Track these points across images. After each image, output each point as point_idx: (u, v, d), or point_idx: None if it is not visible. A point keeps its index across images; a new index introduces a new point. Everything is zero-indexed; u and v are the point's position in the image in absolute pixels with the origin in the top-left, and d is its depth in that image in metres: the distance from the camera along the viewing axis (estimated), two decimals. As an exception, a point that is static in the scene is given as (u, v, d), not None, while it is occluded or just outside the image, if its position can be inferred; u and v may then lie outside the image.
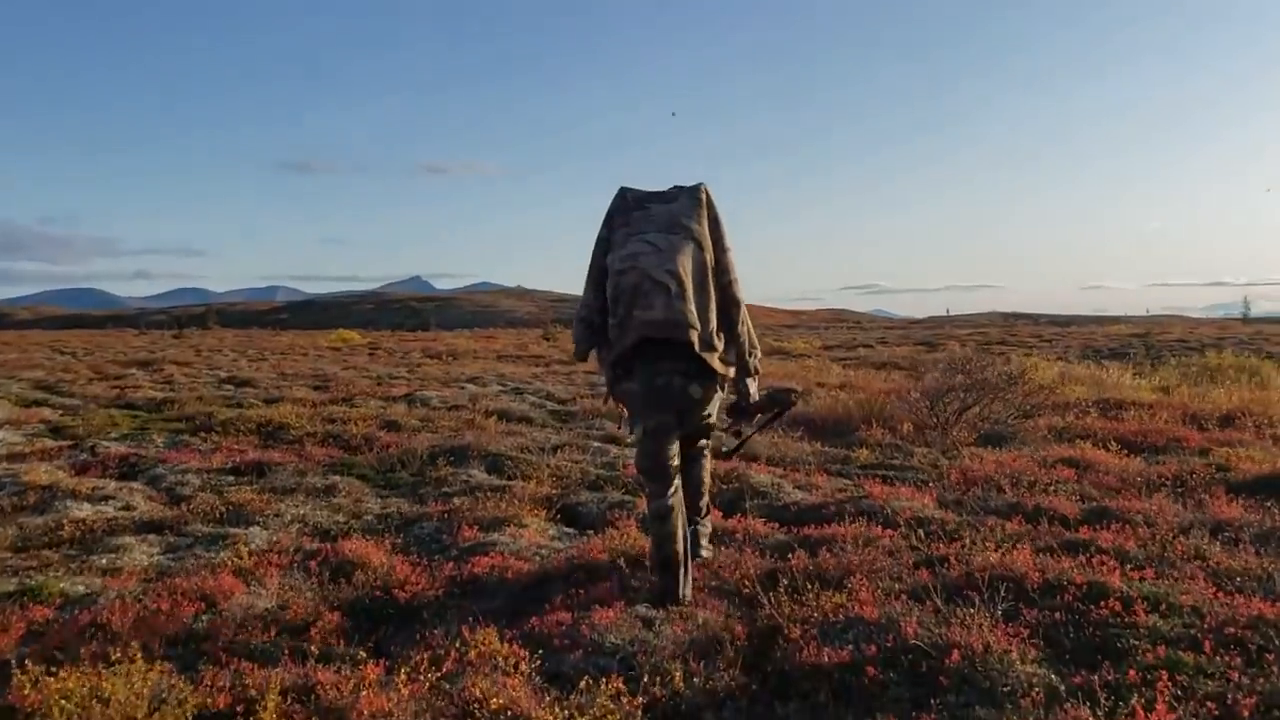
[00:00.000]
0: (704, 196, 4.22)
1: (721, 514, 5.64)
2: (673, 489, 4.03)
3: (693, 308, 3.98)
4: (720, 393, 4.34)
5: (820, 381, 17.67)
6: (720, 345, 4.15)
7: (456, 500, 6.17)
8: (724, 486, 6.32)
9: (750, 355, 4.32)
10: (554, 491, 6.32)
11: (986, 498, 6.01)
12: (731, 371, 4.28)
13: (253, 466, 7.65)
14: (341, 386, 15.19)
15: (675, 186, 4.30)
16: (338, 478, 7.12)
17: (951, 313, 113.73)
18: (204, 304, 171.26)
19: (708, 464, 4.68)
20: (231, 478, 7.34)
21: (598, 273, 4.21)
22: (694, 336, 3.97)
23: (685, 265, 4.00)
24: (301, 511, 6.05)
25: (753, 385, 4.48)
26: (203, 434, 9.69)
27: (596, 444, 8.62)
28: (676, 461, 4.09)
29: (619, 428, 5.38)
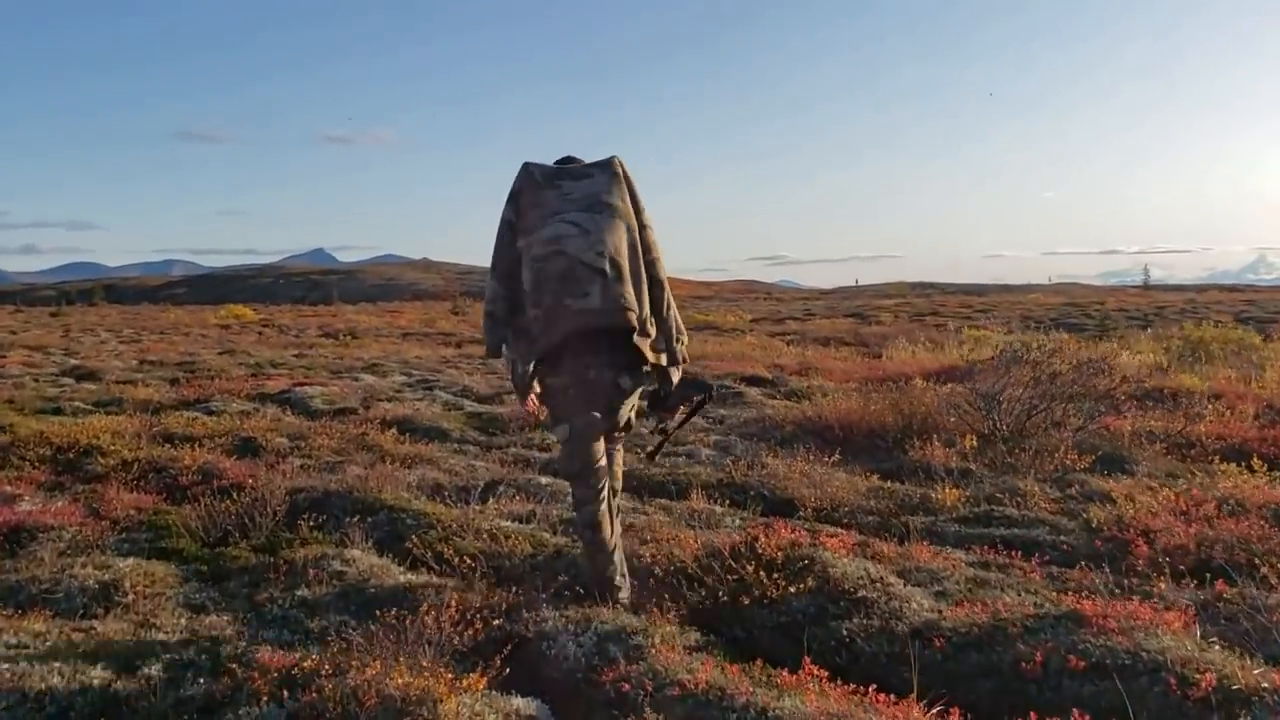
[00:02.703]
0: (621, 170, 3.87)
1: (788, 670, 3.05)
2: (603, 492, 3.79)
3: (630, 292, 3.70)
4: (645, 384, 3.95)
5: (777, 363, 15.33)
6: (652, 332, 3.82)
7: (313, 643, 3.44)
8: (789, 588, 3.64)
9: (677, 341, 3.96)
10: (490, 601, 3.63)
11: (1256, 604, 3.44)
12: (662, 359, 3.87)
13: (6, 535, 4.85)
14: (203, 380, 12.23)
15: (580, 162, 3.92)
16: (131, 561, 4.34)
17: (861, 283, 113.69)
18: (96, 278, 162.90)
19: (620, 457, 4.20)
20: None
21: (506, 261, 3.80)
22: (634, 322, 3.69)
23: (618, 246, 3.71)
24: (22, 658, 3.27)
25: (676, 374, 4.00)
26: (-23, 464, 6.82)
27: (545, 479, 5.97)
28: (604, 461, 3.83)
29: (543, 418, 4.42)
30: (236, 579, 4.25)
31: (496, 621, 3.40)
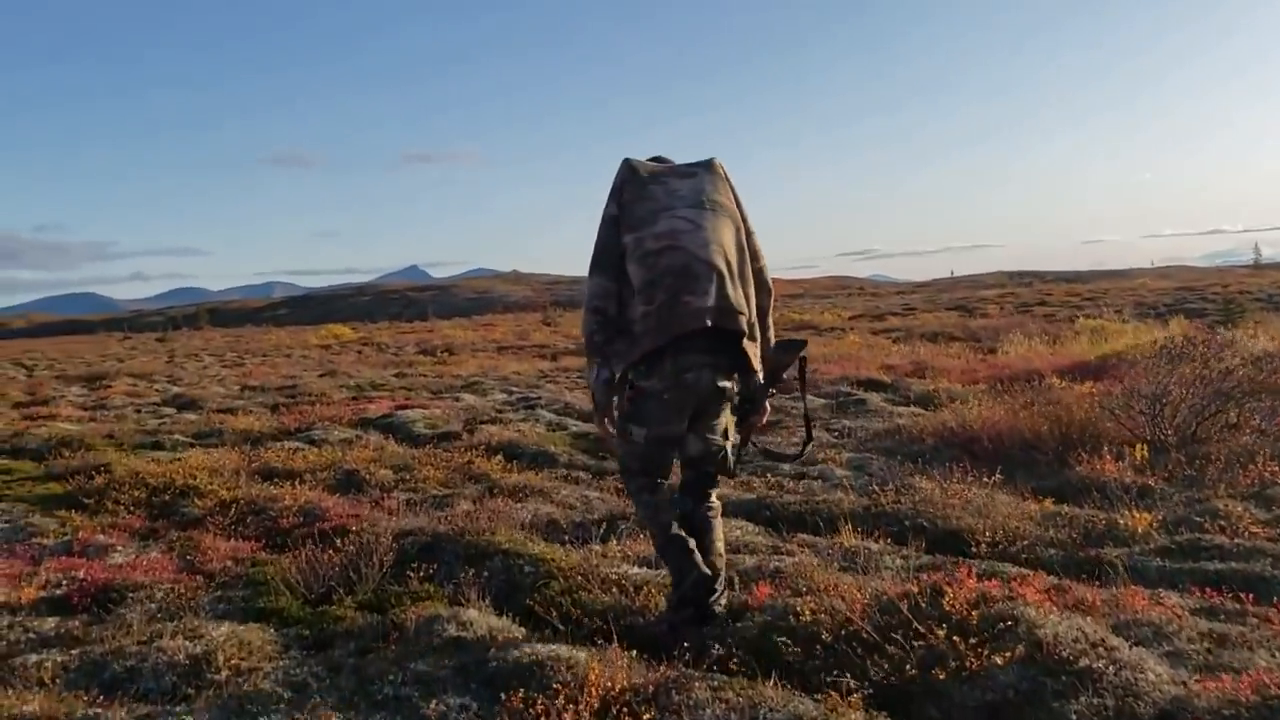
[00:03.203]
0: (723, 171, 3.78)
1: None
2: (667, 495, 3.69)
3: (742, 294, 3.58)
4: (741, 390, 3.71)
5: (888, 363, 14.57)
6: (757, 338, 3.68)
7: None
8: (992, 658, 2.97)
9: (768, 352, 3.77)
10: (632, 680, 3.06)
11: None
12: (759, 368, 3.68)
13: (94, 596, 4.47)
14: (304, 406, 11.99)
15: (671, 162, 3.83)
16: (225, 628, 3.90)
17: (956, 274, 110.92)
18: (200, 303, 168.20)
19: (718, 527, 3.84)
20: (49, 623, 4.17)
21: (613, 255, 3.60)
22: (744, 324, 3.55)
23: (730, 245, 3.60)
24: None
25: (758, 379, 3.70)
26: (75, 507, 6.53)
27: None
28: (669, 480, 3.71)
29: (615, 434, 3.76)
30: (341, 646, 3.76)
31: (646, 716, 2.81)
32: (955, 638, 3.10)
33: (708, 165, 3.79)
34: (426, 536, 4.97)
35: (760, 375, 3.72)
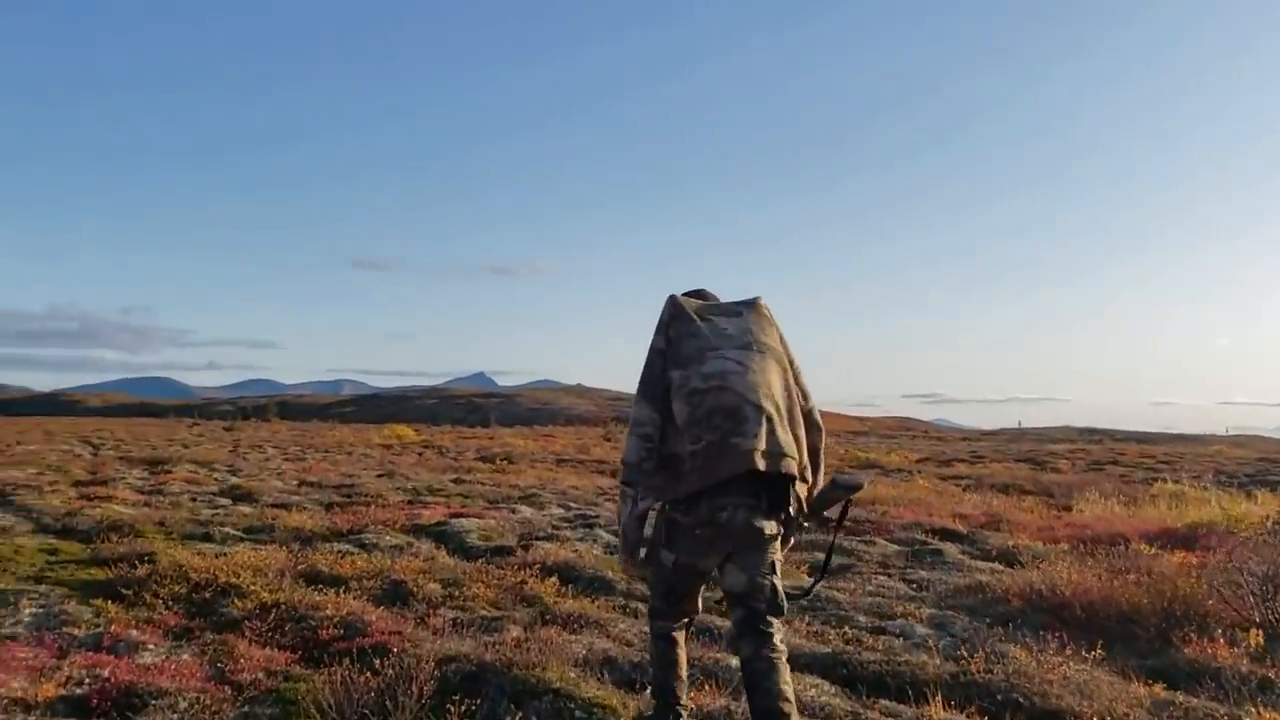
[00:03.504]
0: (768, 311, 3.85)
1: None
2: (683, 625, 3.86)
3: (791, 436, 3.55)
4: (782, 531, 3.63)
5: (960, 512, 13.94)
6: (809, 479, 3.65)
7: None
8: None
9: (816, 487, 3.71)
10: None
11: None
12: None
13: (115, 700, 4.16)
14: (359, 506, 11.73)
15: (714, 297, 3.95)
16: (246, 752, 3.56)
17: (1024, 425, 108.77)
18: (271, 395, 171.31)
19: (785, 670, 3.57)
20: (62, 727, 3.86)
21: (660, 387, 3.60)
22: (795, 468, 3.50)
23: (778, 388, 3.60)
24: None
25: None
26: (113, 597, 6.28)
27: (735, 661, 4.96)
28: (685, 627, 3.89)
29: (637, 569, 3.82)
30: (368, 788, 3.39)
31: None
32: None
33: (752, 305, 3.82)
34: (471, 665, 4.59)
35: (802, 515, 3.71)
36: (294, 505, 12.03)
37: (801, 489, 3.60)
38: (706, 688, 4.48)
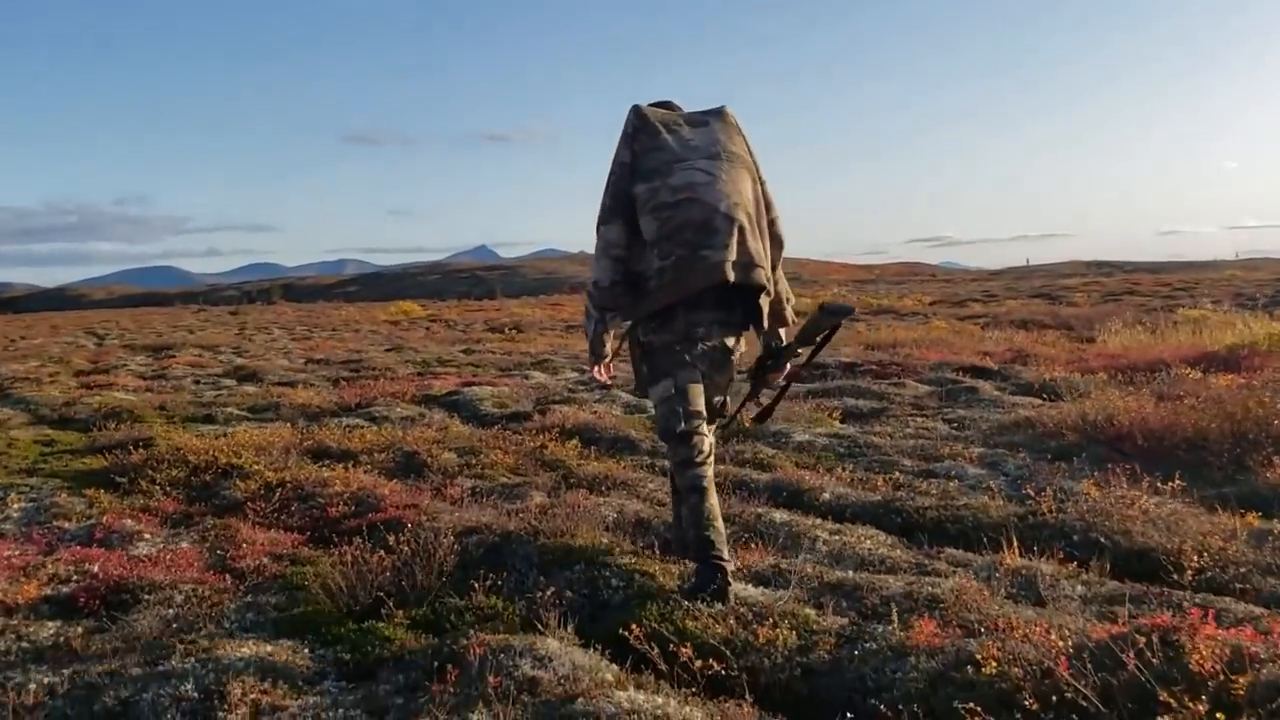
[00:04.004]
0: (735, 120, 3.67)
1: None
2: (709, 457, 3.53)
3: (762, 247, 3.51)
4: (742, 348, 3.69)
5: (983, 350, 13.52)
6: (774, 291, 3.61)
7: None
8: None
9: (787, 303, 3.73)
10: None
11: None
12: (778, 321, 3.69)
13: (104, 597, 3.78)
14: (367, 380, 11.35)
15: (680, 109, 3.73)
16: (249, 647, 3.16)
17: (1031, 263, 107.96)
18: (274, 278, 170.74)
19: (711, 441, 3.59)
20: (48, 629, 3.48)
21: (627, 204, 3.46)
22: (765, 279, 3.48)
23: (749, 197, 3.49)
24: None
25: (786, 336, 3.73)
26: (108, 486, 5.91)
27: (780, 514, 4.55)
28: (708, 425, 3.58)
29: (610, 380, 3.86)
30: (388, 678, 2.99)
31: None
32: (1220, 716, 2.23)
33: (719, 114, 3.67)
34: (495, 536, 4.20)
35: (784, 332, 3.73)
36: (300, 383, 11.64)
37: (766, 302, 3.55)
38: (753, 546, 4.07)
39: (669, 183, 3.41)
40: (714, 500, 3.49)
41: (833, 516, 4.60)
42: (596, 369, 3.75)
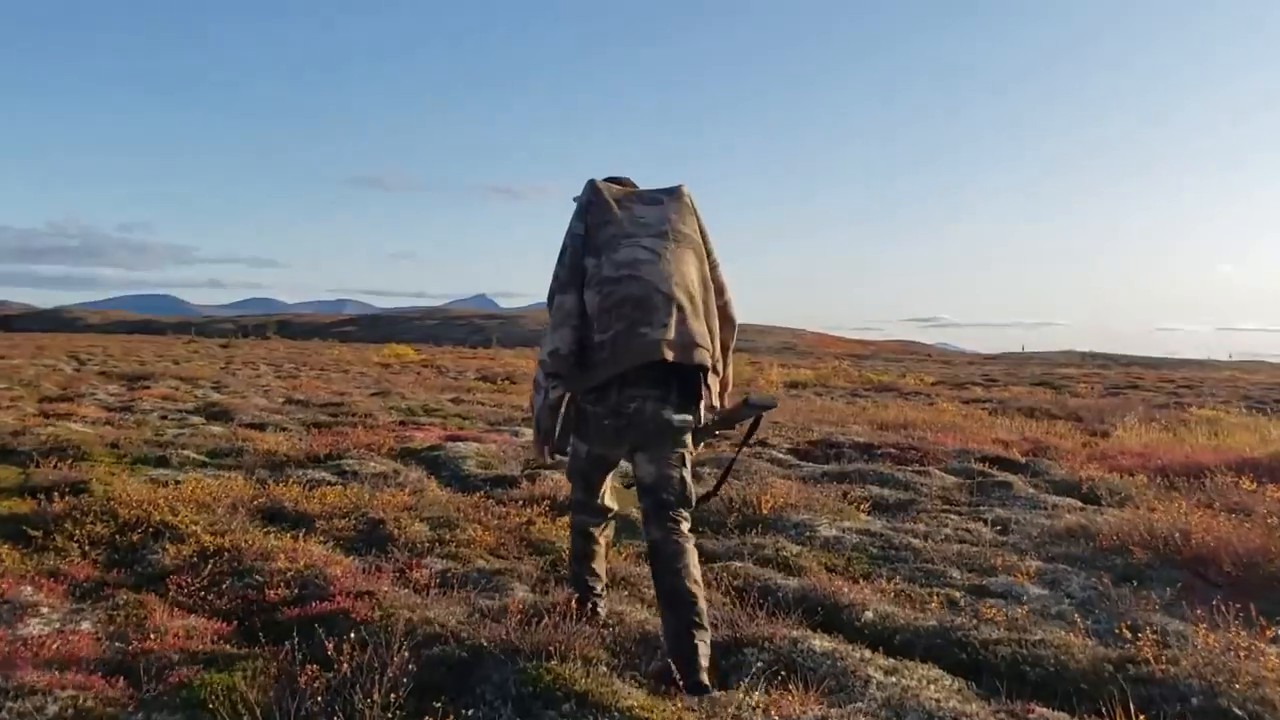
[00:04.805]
0: (690, 200, 3.70)
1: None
2: (603, 518, 3.90)
3: (704, 328, 3.51)
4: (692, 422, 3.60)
5: (999, 438, 12.72)
6: (720, 371, 3.67)
7: None
8: None
9: (725, 388, 3.76)
10: None
11: None
12: (714, 402, 3.65)
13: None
14: (345, 426, 10.50)
15: (634, 185, 3.78)
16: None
17: (1027, 349, 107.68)
18: (273, 314, 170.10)
19: (692, 554, 3.48)
20: None
21: (580, 275, 3.50)
22: (707, 359, 3.48)
23: (693, 278, 3.54)
24: None
25: (706, 418, 3.62)
26: (17, 540, 5.03)
27: (817, 641, 3.68)
28: (608, 499, 3.89)
29: (551, 458, 3.79)
30: None
31: None
32: None
33: (674, 193, 3.69)
34: (462, 650, 3.33)
35: (712, 414, 3.68)
36: (272, 425, 10.80)
37: (714, 381, 3.57)
38: (791, 688, 3.21)
39: (613, 258, 3.45)
40: (600, 555, 3.95)
41: (880, 644, 3.75)
42: (541, 448, 3.70)
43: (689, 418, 3.53)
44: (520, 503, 6.21)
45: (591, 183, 3.64)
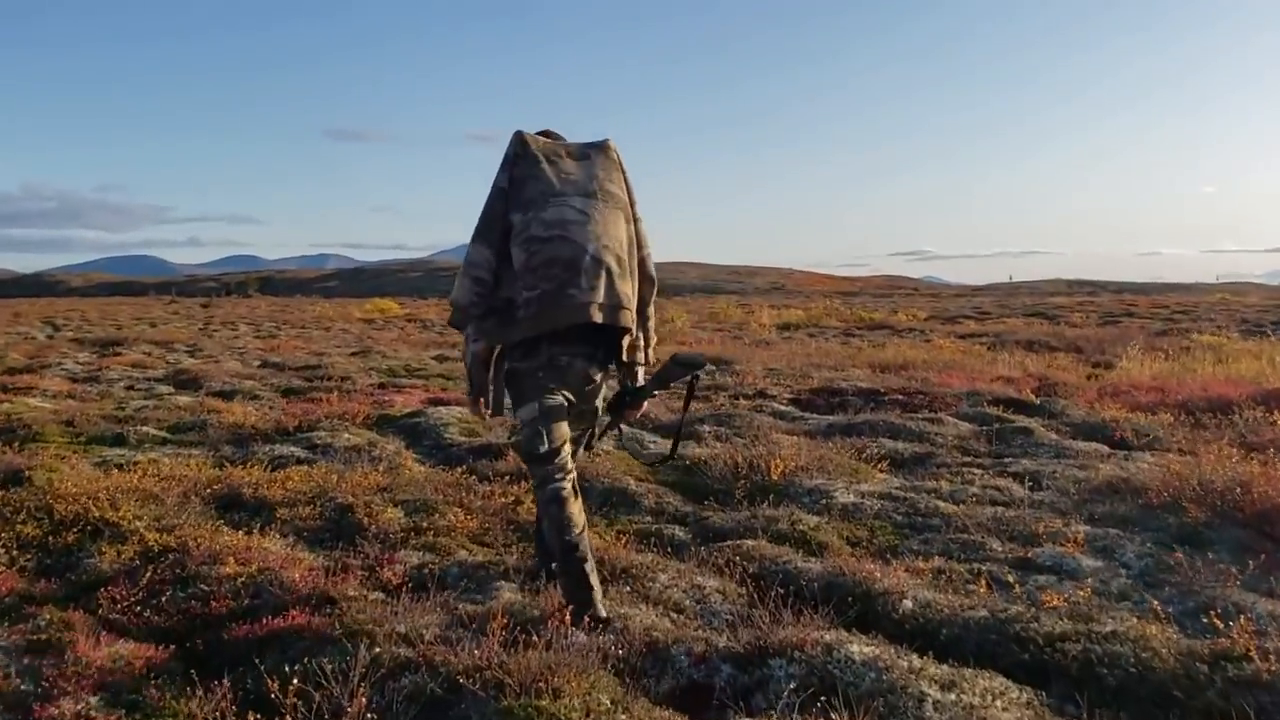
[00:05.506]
0: (617, 156, 3.71)
1: None
2: (570, 474, 3.56)
3: (630, 289, 3.55)
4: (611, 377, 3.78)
5: (1002, 375, 12.22)
6: (637, 332, 3.69)
7: None
8: None
9: (649, 345, 3.81)
10: None
11: None
12: (638, 358, 3.75)
13: None
14: (324, 389, 9.92)
15: (562, 138, 3.76)
16: None
17: (1014, 279, 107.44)
18: (255, 270, 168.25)
19: (579, 450, 3.82)
20: None
21: (499, 228, 3.47)
22: (631, 321, 3.54)
23: (620, 239, 3.54)
24: None
25: (641, 375, 3.79)
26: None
27: (857, 647, 3.12)
28: (569, 446, 3.57)
29: (488, 415, 3.73)
30: None
31: None
32: None
33: (602, 148, 3.69)
34: (437, 684, 2.78)
35: (643, 373, 3.76)
36: (242, 393, 10.19)
37: (625, 341, 3.64)
38: (830, 706, 2.68)
39: (541, 216, 3.43)
40: (575, 508, 3.49)
41: (924, 641, 3.23)
42: (475, 403, 3.69)
43: (603, 373, 3.66)
44: (506, 478, 5.63)
45: (519, 134, 3.59)
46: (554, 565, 3.58)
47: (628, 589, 3.77)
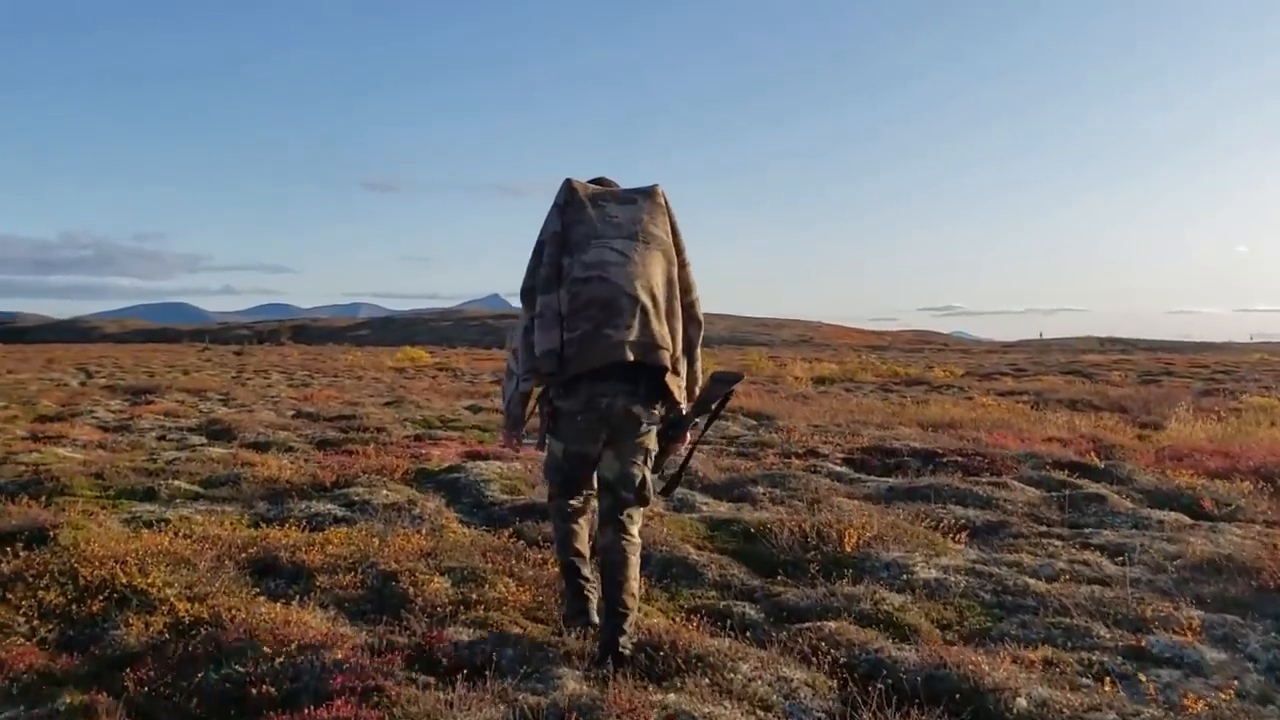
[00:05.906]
0: (664, 201, 3.77)
1: None
2: (582, 513, 3.91)
3: (666, 329, 3.62)
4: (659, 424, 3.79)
5: (1052, 436, 11.74)
6: (682, 371, 3.75)
7: None
8: None
9: (695, 384, 3.86)
10: None
11: None
12: (682, 397, 3.77)
13: None
14: (360, 441, 9.64)
15: (616, 185, 3.88)
16: None
17: (1045, 335, 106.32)
18: (288, 319, 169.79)
19: (635, 564, 3.71)
20: None
21: (560, 272, 3.58)
22: (668, 361, 3.60)
23: (658, 280, 3.63)
24: None
25: (684, 409, 3.80)
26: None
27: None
28: (588, 495, 3.89)
29: (520, 448, 4.12)
30: None
31: None
32: None
33: (649, 193, 3.74)
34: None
35: (684, 405, 3.77)
36: (277, 444, 9.92)
37: (674, 380, 3.64)
38: None
39: (582, 259, 3.52)
40: (580, 529, 3.86)
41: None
42: (509, 436, 3.86)
43: (655, 414, 3.68)
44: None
45: (568, 182, 3.68)
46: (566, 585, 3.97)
47: (706, 681, 3.38)
